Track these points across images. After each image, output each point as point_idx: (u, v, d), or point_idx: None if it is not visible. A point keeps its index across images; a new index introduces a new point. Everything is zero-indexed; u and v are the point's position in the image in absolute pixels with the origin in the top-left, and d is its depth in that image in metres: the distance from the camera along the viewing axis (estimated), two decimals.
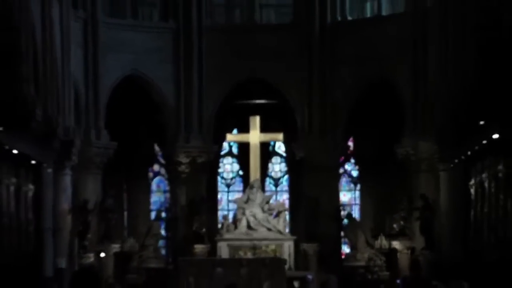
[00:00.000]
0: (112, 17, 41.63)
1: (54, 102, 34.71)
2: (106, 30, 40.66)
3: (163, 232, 42.82)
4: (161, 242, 42.52)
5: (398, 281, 34.46)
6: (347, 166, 45.65)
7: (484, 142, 29.71)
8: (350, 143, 44.61)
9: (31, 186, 32.20)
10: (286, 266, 36.54)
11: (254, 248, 38.05)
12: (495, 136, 28.13)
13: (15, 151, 29.13)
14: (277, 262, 35.93)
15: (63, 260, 35.24)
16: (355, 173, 45.81)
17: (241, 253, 37.78)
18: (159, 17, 43.49)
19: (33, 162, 31.96)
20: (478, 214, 32.38)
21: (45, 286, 25.07)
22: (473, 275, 25.59)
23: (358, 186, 45.79)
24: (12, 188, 29.86)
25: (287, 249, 38.64)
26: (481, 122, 28.96)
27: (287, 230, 39.89)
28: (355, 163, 45.62)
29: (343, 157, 44.51)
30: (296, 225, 41.39)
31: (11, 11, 26.79)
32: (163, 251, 42.27)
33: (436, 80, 37.68)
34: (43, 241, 33.39)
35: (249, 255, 37.37)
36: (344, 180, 45.38)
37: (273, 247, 38.47)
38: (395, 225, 39.89)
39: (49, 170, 34.24)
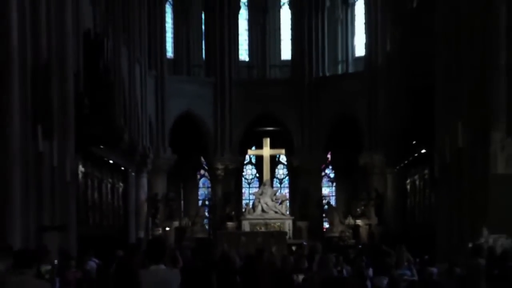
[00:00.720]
0: (174, 74, 41.66)
1: (136, 129, 34.85)
2: (169, 83, 40.68)
3: (206, 214, 42.77)
4: (205, 221, 42.47)
5: (360, 246, 34.30)
6: (327, 171, 45.43)
7: (416, 155, 29.67)
8: (329, 156, 44.43)
9: (121, 184, 32.38)
10: (287, 236, 36.45)
11: (266, 224, 37.94)
12: (423, 151, 28.10)
13: (111, 161, 29.31)
14: (281, 234, 35.84)
15: (142, 232, 35.33)
16: (332, 175, 45.58)
17: (258, 228, 37.61)
18: (204, 75, 43.53)
19: (122, 168, 32.14)
20: (411, 202, 32.31)
21: (130, 249, 25.14)
22: (409, 242, 25.50)
23: (334, 184, 45.58)
24: (109, 186, 30.05)
25: (288, 225, 38.48)
26: (414, 142, 28.93)
27: (287, 212, 39.71)
28: (332, 169, 45.41)
29: (324, 165, 44.37)
30: (293, 209, 41.25)
31: (109, 72, 26.93)
32: (206, 227, 42.19)
33: (384, 115, 37.67)
34: (128, 220, 33.53)
35: (263, 229, 37.22)
36: (324, 180, 45.17)
37: (278, 224, 38.31)
38: (358, 209, 39.75)
39: (133, 174, 34.39)
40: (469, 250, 17.18)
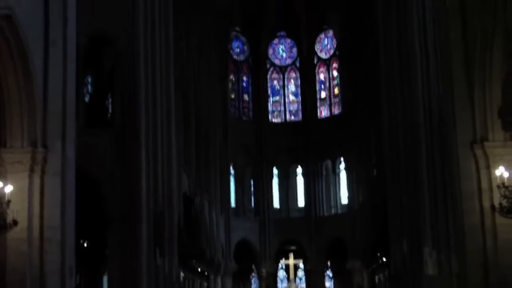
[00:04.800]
0: (235, 216, 41.01)
1: (213, 250, 33.96)
2: (232, 221, 39.26)
3: None
4: None
5: None
6: (328, 272, 42.32)
7: (380, 262, 29.18)
8: (328, 263, 41.85)
9: (205, 283, 31.43)
10: None
11: None
12: (384, 259, 27.66)
13: (199, 269, 28.89)
14: None
15: None
16: (330, 275, 42.47)
17: None
18: (253, 216, 42.59)
19: (206, 273, 31.42)
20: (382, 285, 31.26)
21: None
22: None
23: (332, 280, 42.09)
24: (198, 284, 29.28)
25: None
26: (378, 254, 28.56)
27: None
28: (331, 271, 42.54)
29: (325, 269, 42.17)
30: None
31: (198, 215, 27.03)
32: None
33: (360, 238, 36.66)
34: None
35: None
36: (326, 278, 41.94)
37: None
38: None
39: (212, 276, 33.62)
40: None
